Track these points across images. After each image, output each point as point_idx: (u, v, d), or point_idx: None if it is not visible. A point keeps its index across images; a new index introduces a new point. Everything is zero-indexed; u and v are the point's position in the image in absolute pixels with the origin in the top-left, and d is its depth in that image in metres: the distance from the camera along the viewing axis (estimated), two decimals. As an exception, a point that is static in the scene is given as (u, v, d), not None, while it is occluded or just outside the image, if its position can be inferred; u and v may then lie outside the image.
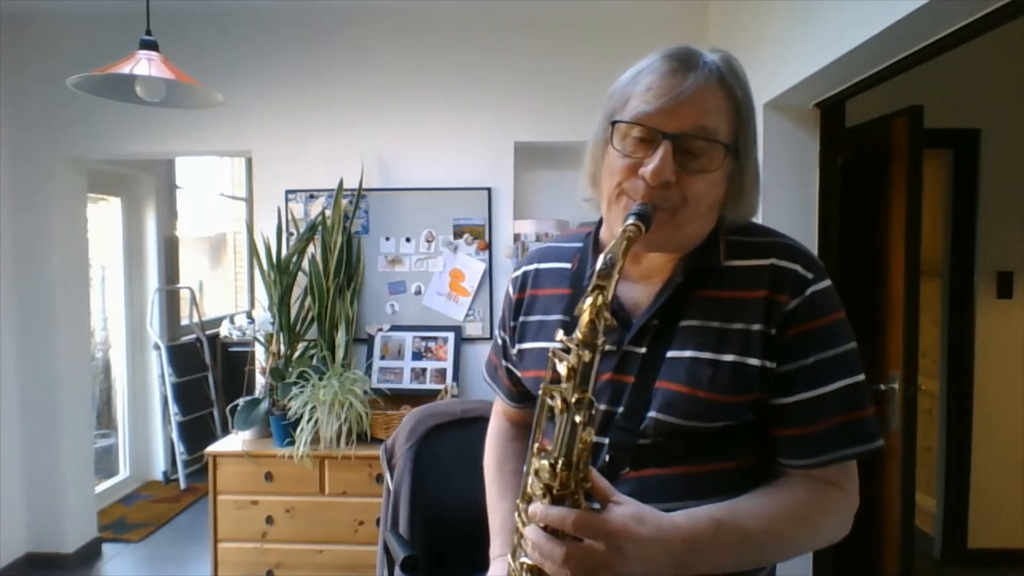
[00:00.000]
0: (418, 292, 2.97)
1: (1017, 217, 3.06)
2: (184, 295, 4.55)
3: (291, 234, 2.95)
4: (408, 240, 2.97)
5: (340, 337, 2.77)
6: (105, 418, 4.12)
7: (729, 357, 0.77)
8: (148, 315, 4.17)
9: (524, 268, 0.98)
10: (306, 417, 2.46)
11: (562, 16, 2.93)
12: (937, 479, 3.17)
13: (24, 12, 2.92)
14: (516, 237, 2.88)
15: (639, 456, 0.77)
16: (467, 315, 2.94)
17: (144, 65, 1.92)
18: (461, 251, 2.95)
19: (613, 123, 0.80)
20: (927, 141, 2.21)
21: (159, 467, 4.29)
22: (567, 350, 0.67)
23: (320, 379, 2.55)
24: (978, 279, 3.08)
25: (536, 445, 0.71)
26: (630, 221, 0.72)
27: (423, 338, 2.93)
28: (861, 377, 0.81)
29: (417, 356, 2.91)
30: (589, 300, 0.67)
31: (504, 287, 3.20)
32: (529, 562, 0.72)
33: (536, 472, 0.70)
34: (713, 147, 0.77)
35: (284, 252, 2.85)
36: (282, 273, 2.80)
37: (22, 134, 3.02)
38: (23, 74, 3.00)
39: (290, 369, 2.68)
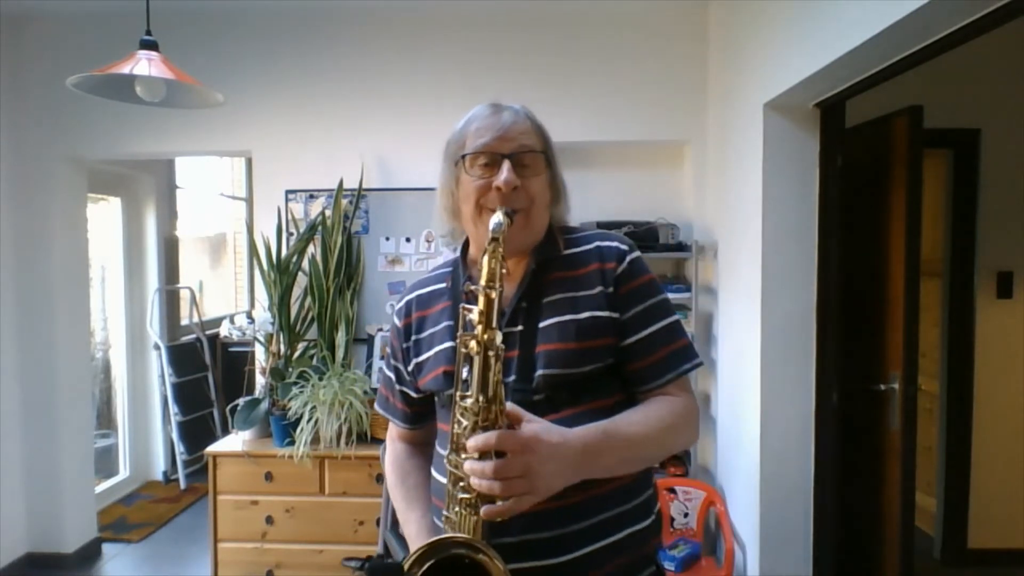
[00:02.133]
0: (418, 292, 2.97)
1: (1017, 217, 3.06)
2: (184, 295, 4.54)
3: (291, 234, 2.95)
4: (408, 240, 2.97)
5: (340, 337, 2.77)
6: (105, 418, 4.12)
7: (586, 313, 1.01)
8: (148, 315, 4.17)
9: (405, 299, 1.17)
10: (306, 417, 2.46)
11: (562, 16, 2.93)
12: (937, 479, 3.17)
13: (24, 12, 2.92)
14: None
15: (537, 410, 0.92)
16: (467, 315, 2.94)
17: (144, 65, 1.92)
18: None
19: (464, 156, 1.04)
20: (927, 141, 2.21)
21: (159, 467, 4.29)
22: (473, 301, 0.86)
23: (320, 379, 2.55)
24: (978, 279, 3.08)
25: (458, 393, 0.87)
26: (497, 217, 0.92)
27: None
28: (676, 317, 1.08)
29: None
30: (488, 255, 0.87)
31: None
32: (467, 496, 0.85)
33: (462, 414, 0.86)
34: (536, 157, 1.05)
35: (284, 252, 2.85)
36: (282, 273, 2.80)
37: (22, 134, 3.02)
38: (23, 74, 3.00)
39: (290, 369, 2.68)
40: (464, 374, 0.88)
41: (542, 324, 1.01)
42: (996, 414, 3.08)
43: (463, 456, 0.86)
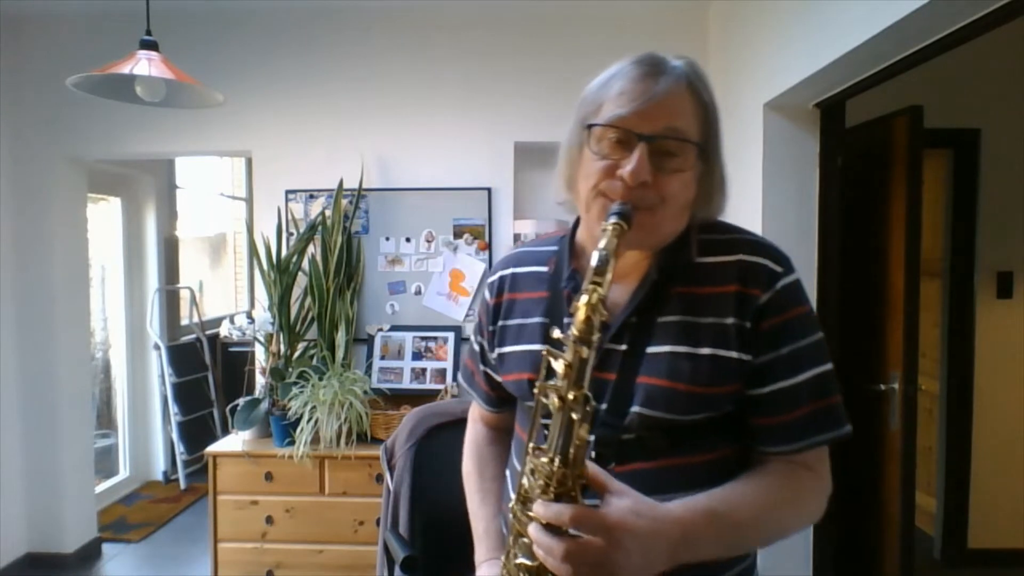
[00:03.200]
0: (418, 292, 2.97)
1: (1017, 217, 3.06)
2: (184, 295, 4.54)
3: (291, 234, 2.95)
4: (408, 240, 2.97)
5: (340, 337, 2.77)
6: (105, 418, 4.12)
7: (706, 350, 0.80)
8: (148, 315, 4.17)
9: (500, 273, 1.00)
10: (306, 417, 2.46)
11: (562, 16, 2.93)
12: (937, 479, 3.17)
13: (24, 12, 2.92)
14: (516, 237, 2.88)
15: (624, 451, 0.78)
16: (467, 315, 2.94)
17: (144, 65, 1.92)
18: (461, 251, 2.95)
19: (589, 126, 0.83)
20: (927, 141, 2.21)
21: (159, 467, 4.29)
22: (561, 347, 0.69)
23: (320, 379, 2.55)
24: (978, 279, 3.08)
25: (531, 445, 0.72)
26: (612, 220, 0.74)
27: (423, 338, 2.93)
28: (830, 366, 0.84)
29: (417, 356, 2.91)
30: (584, 297, 0.68)
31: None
32: (527, 562, 0.72)
33: (533, 471, 0.71)
34: (685, 147, 0.80)
35: (284, 252, 2.85)
36: (282, 273, 2.80)
37: (22, 134, 3.02)
38: (23, 74, 3.00)
39: (290, 369, 2.68)
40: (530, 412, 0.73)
41: (651, 349, 0.81)
42: (996, 414, 3.08)
43: (530, 514, 0.71)
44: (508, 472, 0.99)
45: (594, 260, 0.70)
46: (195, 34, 2.94)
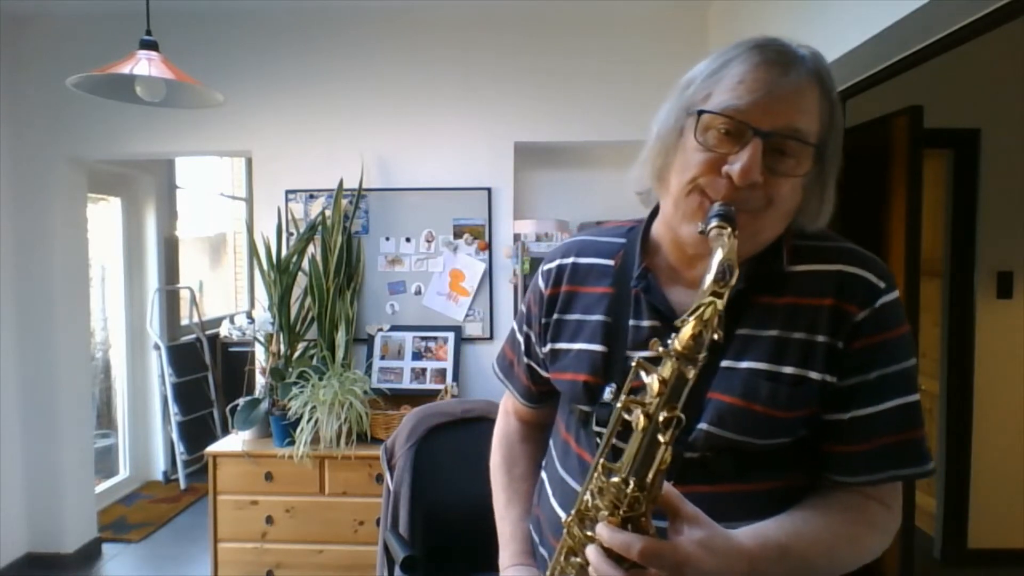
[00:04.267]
0: (418, 292, 2.97)
1: (1017, 217, 3.06)
2: (184, 295, 4.54)
3: (291, 234, 2.95)
4: (408, 240, 2.97)
5: (340, 337, 2.77)
6: (105, 418, 4.12)
7: (789, 369, 0.73)
8: (148, 315, 4.17)
9: (559, 261, 0.90)
10: (306, 417, 2.46)
11: (562, 16, 2.93)
12: (937, 479, 3.17)
13: (24, 12, 2.92)
14: (516, 237, 2.88)
15: (685, 471, 0.72)
16: (467, 315, 2.94)
17: (144, 65, 1.92)
18: (461, 251, 2.95)
19: (699, 112, 0.72)
20: (927, 141, 2.21)
21: (159, 467, 4.29)
22: (656, 361, 0.62)
23: (320, 379, 2.55)
24: (978, 279, 3.08)
25: (601, 462, 0.66)
26: (713, 223, 0.67)
27: (423, 338, 2.93)
28: (917, 396, 0.76)
29: (417, 356, 2.91)
30: (699, 311, 0.61)
31: (504, 288, 3.17)
32: None
33: (600, 491, 0.65)
34: (804, 149, 0.72)
35: (284, 252, 2.85)
36: (282, 273, 2.80)
37: (22, 134, 3.02)
38: (23, 74, 3.00)
39: (290, 369, 2.68)
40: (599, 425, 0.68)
41: (726, 363, 0.74)
42: (996, 414, 3.08)
43: (588, 533, 0.66)
44: (545, 474, 0.93)
45: (714, 269, 0.62)
46: (195, 34, 2.94)
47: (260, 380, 2.80)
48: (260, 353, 2.88)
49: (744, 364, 0.74)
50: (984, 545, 3.09)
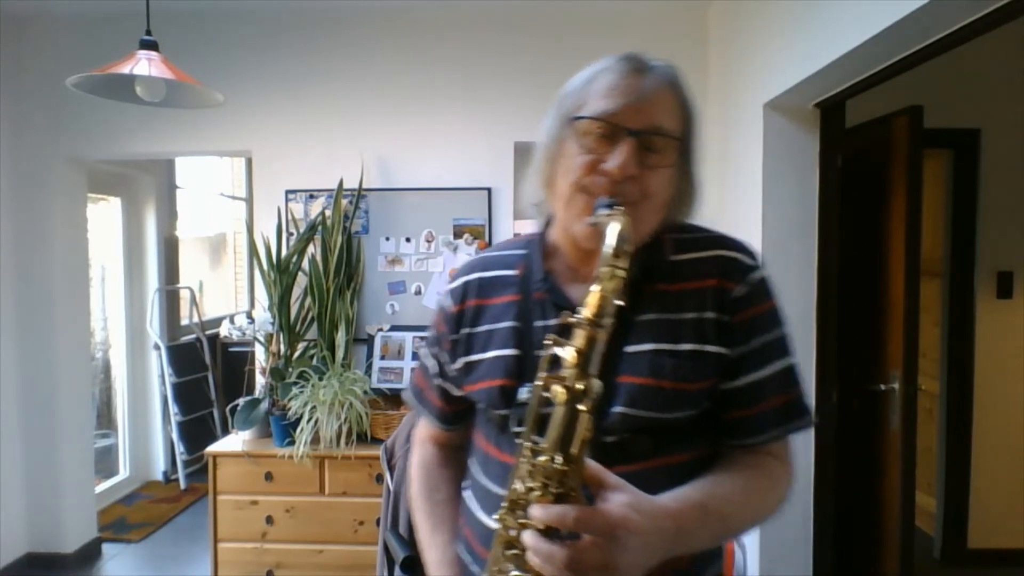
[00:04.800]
0: (418, 292, 2.97)
1: (1017, 217, 3.06)
2: (184, 295, 4.55)
3: (291, 234, 2.95)
4: (408, 240, 2.97)
5: (340, 337, 2.77)
6: (105, 418, 4.12)
7: (687, 346, 0.81)
8: (148, 315, 4.17)
9: (463, 279, 0.96)
10: (306, 417, 2.46)
11: (562, 16, 2.93)
12: (937, 479, 3.17)
13: (24, 12, 2.92)
14: (516, 236, 2.88)
15: (606, 454, 0.75)
16: (467, 315, 2.94)
17: (144, 65, 1.92)
18: (461, 251, 2.95)
19: (576, 118, 0.81)
20: (927, 141, 2.21)
21: (159, 467, 4.29)
22: (565, 335, 0.67)
23: (320, 379, 2.55)
24: (978, 279, 3.08)
25: (527, 445, 0.70)
26: (602, 212, 0.74)
27: (423, 338, 2.92)
28: (795, 359, 0.87)
29: (417, 356, 2.91)
30: (602, 280, 0.67)
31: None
32: (519, 574, 0.69)
33: (530, 472, 0.68)
34: (669, 144, 0.82)
35: (284, 252, 2.85)
36: (282, 273, 2.80)
37: (22, 134, 3.02)
38: (23, 74, 3.00)
39: (290, 369, 2.68)
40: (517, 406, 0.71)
41: (630, 349, 0.81)
42: (996, 414, 3.08)
43: (522, 520, 0.69)
44: (468, 492, 0.95)
45: (612, 240, 0.68)
46: (195, 34, 2.94)
47: (260, 380, 2.80)
48: (260, 353, 2.88)
49: (647, 346, 0.81)
50: (984, 545, 3.10)
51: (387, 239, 2.98)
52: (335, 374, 2.57)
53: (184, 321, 4.55)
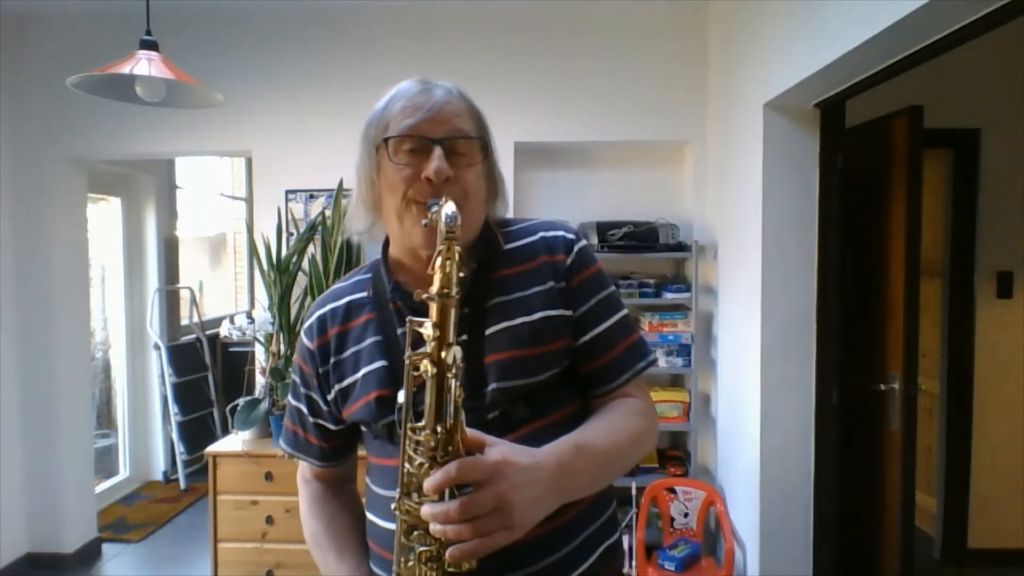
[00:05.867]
0: (418, 292, 2.97)
1: (1017, 217, 3.06)
2: (184, 295, 4.55)
3: (291, 234, 2.95)
4: (408, 240, 2.97)
5: (340, 337, 2.76)
6: (105, 418, 4.12)
7: (538, 315, 0.90)
8: (148, 315, 4.17)
9: (317, 314, 1.00)
10: (306, 417, 2.46)
11: (562, 16, 2.93)
12: (937, 479, 3.17)
13: (24, 12, 2.92)
14: (516, 237, 2.88)
15: (492, 429, 0.79)
16: (467, 315, 2.94)
17: (144, 65, 1.91)
18: (461, 251, 2.94)
19: (386, 140, 0.89)
20: (927, 141, 2.21)
21: (159, 467, 4.29)
22: (421, 313, 0.72)
23: (320, 379, 2.54)
24: (978, 279, 3.08)
25: (408, 426, 0.74)
26: (432, 209, 0.79)
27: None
28: (626, 310, 0.99)
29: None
30: (442, 256, 0.72)
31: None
32: (426, 549, 0.72)
33: (415, 451, 0.72)
34: (472, 143, 0.91)
35: (284, 252, 2.85)
36: (282, 273, 2.80)
37: (22, 134, 3.02)
38: (23, 74, 3.00)
39: (290, 369, 2.67)
40: (402, 398, 0.74)
41: (489, 331, 0.88)
42: (996, 414, 3.08)
43: (418, 499, 0.72)
44: (370, 514, 0.97)
45: (443, 219, 0.73)
46: (195, 34, 2.95)
47: (260, 380, 2.80)
48: (260, 353, 2.88)
49: (503, 325, 0.89)
50: (984, 545, 3.10)
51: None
52: (335, 374, 2.57)
53: (184, 321, 4.55)
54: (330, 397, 0.97)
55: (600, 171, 3.13)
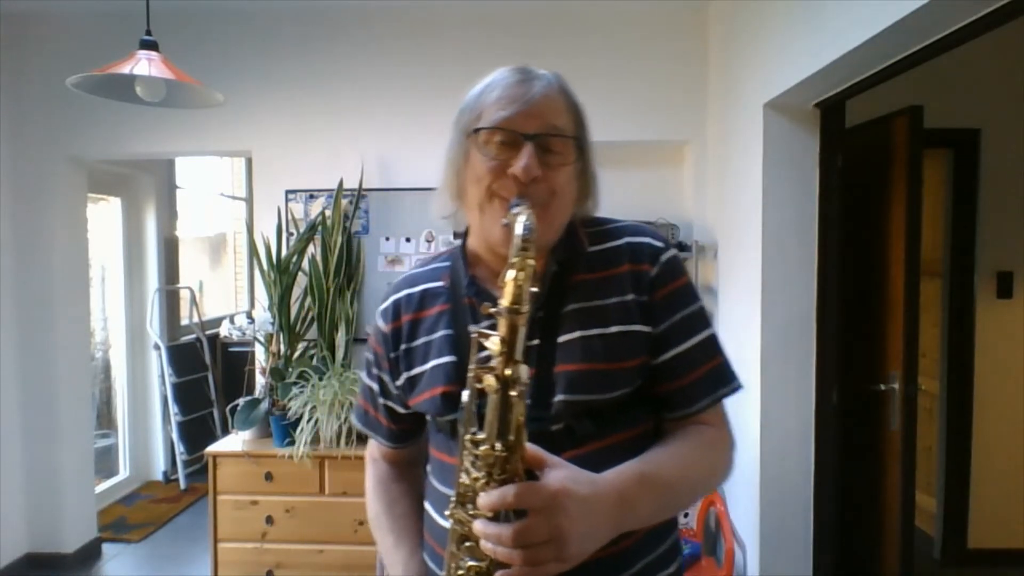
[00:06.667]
0: (418, 292, 2.97)
1: (1017, 217, 3.06)
2: (184, 295, 4.55)
3: (291, 234, 2.95)
4: (408, 240, 2.97)
5: (340, 337, 2.77)
6: (105, 418, 4.12)
7: (615, 328, 0.85)
8: (148, 315, 4.17)
9: (393, 297, 0.99)
10: (306, 417, 2.46)
11: (562, 16, 2.93)
12: (937, 479, 3.17)
13: (24, 12, 2.92)
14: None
15: (554, 442, 0.78)
16: (467, 315, 2.94)
17: (144, 65, 1.92)
18: (461, 251, 2.94)
19: (476, 130, 0.85)
20: (927, 141, 2.21)
21: (159, 467, 4.29)
22: (492, 327, 0.69)
23: (320, 379, 2.55)
24: (978, 279, 3.08)
25: (467, 438, 0.71)
26: (513, 211, 0.76)
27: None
28: (713, 330, 0.92)
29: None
30: (513, 270, 0.69)
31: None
32: (476, 564, 0.71)
33: (473, 463, 0.70)
34: (566, 142, 0.86)
35: (284, 252, 2.85)
36: (282, 273, 2.80)
37: (22, 134, 3.02)
38: (23, 74, 3.00)
39: (290, 369, 2.68)
40: (463, 401, 0.72)
41: (562, 339, 0.84)
42: (996, 414, 3.08)
43: (472, 512, 0.71)
44: (427, 502, 0.96)
45: (519, 230, 0.71)
46: (195, 34, 2.94)
47: (260, 380, 2.80)
48: (260, 353, 2.88)
49: (577, 334, 0.84)
50: (984, 545, 3.10)
51: (387, 239, 2.98)
52: (335, 374, 2.57)
53: (184, 321, 4.55)
54: (399, 383, 0.96)
55: (600, 171, 3.13)
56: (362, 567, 2.50)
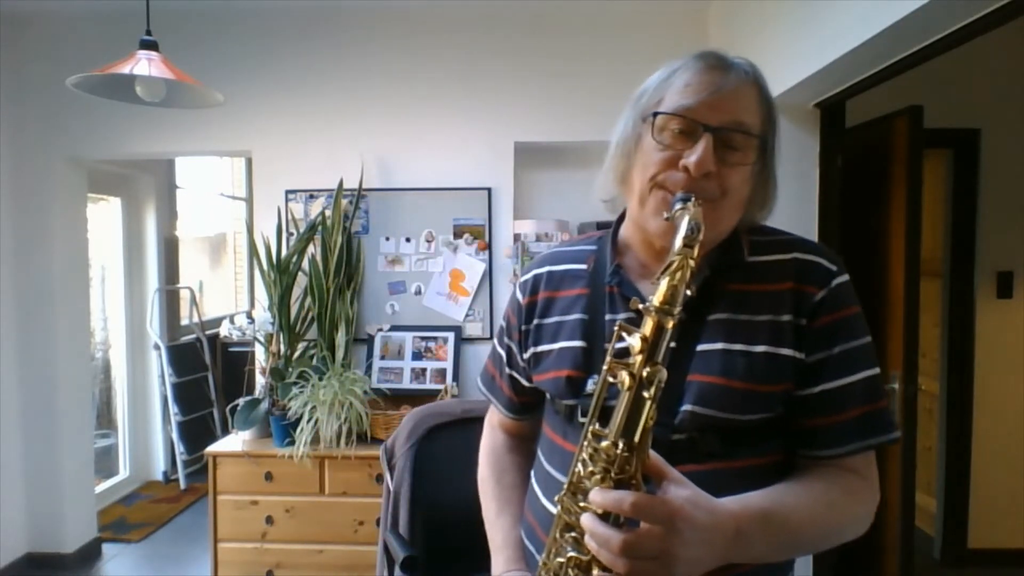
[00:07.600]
0: (418, 292, 2.97)
1: (1017, 217, 3.06)
2: (184, 295, 4.55)
3: (291, 234, 2.95)
4: (408, 240, 2.97)
5: (340, 337, 2.77)
6: (105, 418, 4.12)
7: (761, 348, 0.78)
8: (148, 315, 4.17)
9: (535, 271, 0.97)
10: (306, 417, 2.46)
11: (562, 16, 2.93)
12: (937, 479, 3.17)
13: (24, 12, 2.92)
14: (516, 237, 2.88)
15: (674, 452, 0.73)
16: (467, 315, 2.94)
17: (144, 65, 1.92)
18: (461, 251, 2.95)
19: (655, 115, 0.80)
20: (927, 141, 2.21)
21: (159, 467, 4.29)
22: (635, 323, 0.66)
23: (320, 379, 2.55)
24: (978, 279, 3.08)
25: (591, 429, 0.69)
26: (678, 206, 0.72)
27: (423, 338, 2.93)
28: (879, 370, 0.82)
29: (417, 356, 2.91)
30: (672, 268, 0.66)
31: (504, 287, 3.17)
32: (577, 556, 0.69)
33: (591, 456, 0.68)
34: (749, 141, 0.79)
35: (284, 252, 2.85)
36: (282, 273, 2.80)
37: (22, 134, 3.02)
38: (23, 74, 3.00)
39: (290, 369, 2.68)
40: (590, 389, 0.70)
41: (701, 347, 0.79)
42: (996, 414, 3.08)
43: (582, 504, 0.68)
44: (534, 479, 0.95)
45: (683, 229, 0.67)
46: (195, 34, 2.94)
47: (260, 380, 2.80)
48: (260, 353, 2.88)
49: (719, 345, 0.79)
50: (984, 545, 3.10)
51: (387, 239, 2.98)
52: (335, 374, 2.57)
53: (184, 321, 4.55)
54: (525, 356, 0.94)
55: (600, 171, 3.13)
56: (362, 567, 2.50)
